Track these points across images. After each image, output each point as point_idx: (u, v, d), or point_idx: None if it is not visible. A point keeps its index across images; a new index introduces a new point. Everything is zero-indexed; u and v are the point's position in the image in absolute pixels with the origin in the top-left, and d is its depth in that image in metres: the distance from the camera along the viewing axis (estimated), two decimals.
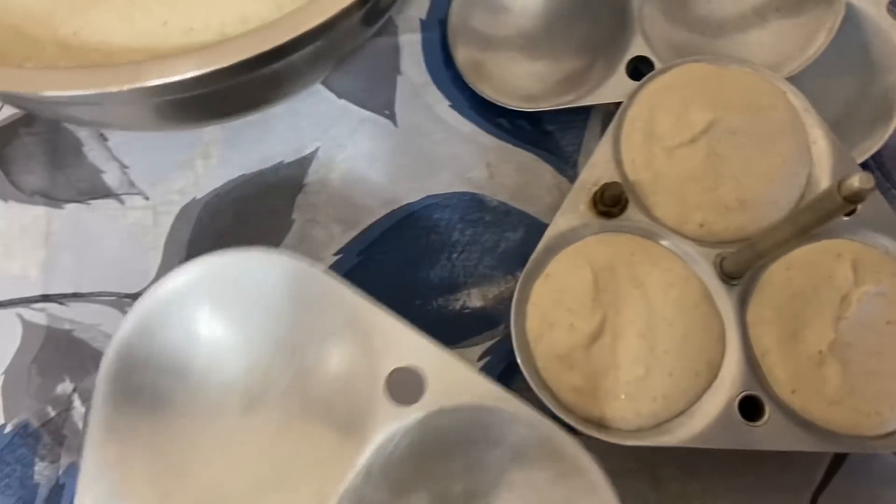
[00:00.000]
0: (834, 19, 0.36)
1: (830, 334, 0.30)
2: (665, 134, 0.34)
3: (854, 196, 0.22)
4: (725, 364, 0.31)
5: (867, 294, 0.31)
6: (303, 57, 0.29)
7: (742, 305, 0.32)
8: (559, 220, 0.33)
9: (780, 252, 0.30)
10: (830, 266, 0.31)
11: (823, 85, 0.37)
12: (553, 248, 0.32)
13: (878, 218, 0.33)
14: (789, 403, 0.30)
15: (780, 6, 0.38)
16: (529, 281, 0.32)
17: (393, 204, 0.38)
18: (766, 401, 0.30)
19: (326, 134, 0.39)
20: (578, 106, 0.38)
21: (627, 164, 0.34)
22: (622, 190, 0.33)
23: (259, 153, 0.39)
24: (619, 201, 0.33)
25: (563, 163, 0.39)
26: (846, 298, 0.31)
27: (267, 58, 0.27)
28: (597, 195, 0.33)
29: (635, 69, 0.38)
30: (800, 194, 0.33)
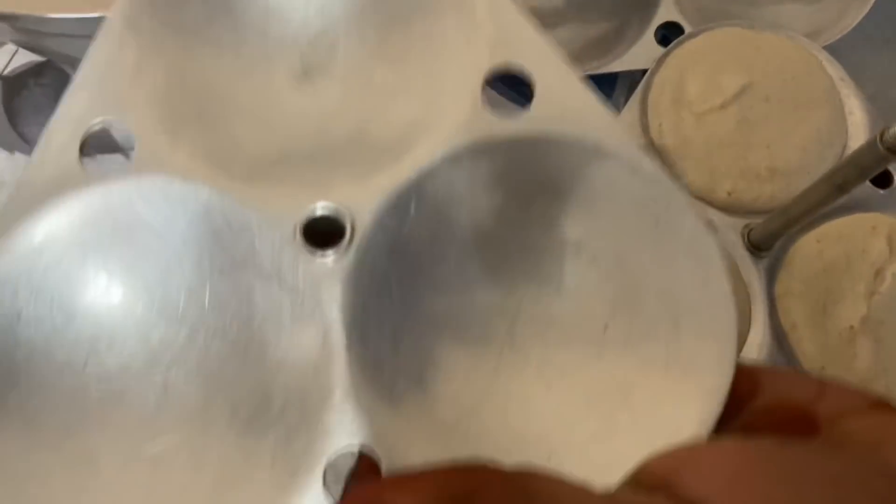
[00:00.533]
0: None
1: (863, 309, 0.29)
2: (695, 98, 0.32)
3: None
4: (750, 338, 0.29)
5: None
6: None
7: (770, 278, 0.30)
8: None
9: (813, 219, 0.29)
10: (864, 239, 0.30)
11: (861, 56, 0.35)
12: None
13: None
14: None
15: None
16: None
17: None
18: None
19: None
20: (604, 73, 0.36)
21: (654, 129, 0.33)
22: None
23: None
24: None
25: None
26: (880, 273, 0.29)
27: None
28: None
29: (664, 36, 0.36)
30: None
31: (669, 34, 0.36)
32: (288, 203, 0.20)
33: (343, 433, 0.18)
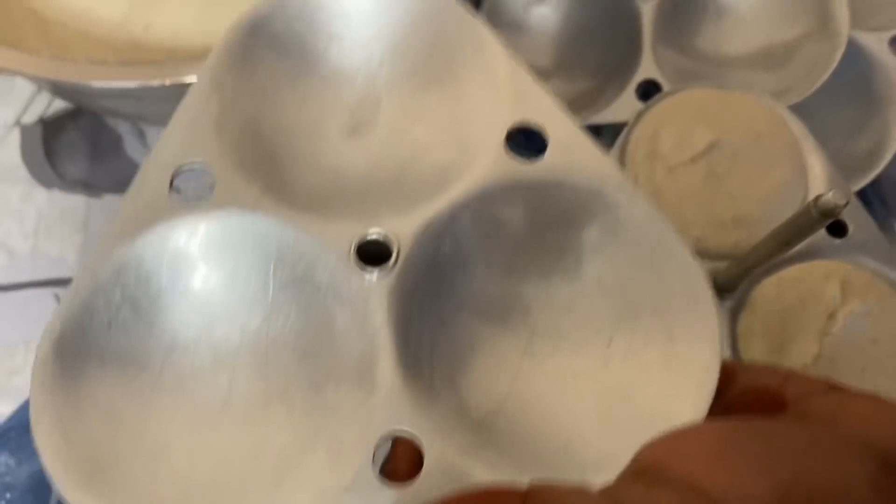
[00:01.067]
0: (836, 53, 0.38)
1: (815, 349, 0.32)
2: (668, 153, 0.36)
3: (828, 211, 0.24)
4: None
5: (853, 313, 0.32)
6: None
7: (733, 318, 0.33)
8: None
9: (767, 266, 0.32)
10: (819, 284, 0.33)
11: (824, 115, 0.38)
12: None
13: (868, 242, 0.34)
14: None
15: (784, 40, 0.40)
16: None
17: None
18: None
19: None
20: (589, 124, 0.40)
21: (630, 179, 0.36)
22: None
23: None
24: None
25: None
26: (833, 316, 0.32)
27: None
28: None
29: (645, 91, 0.40)
30: None
31: (650, 90, 0.40)
32: (343, 230, 0.23)
33: (389, 423, 0.21)
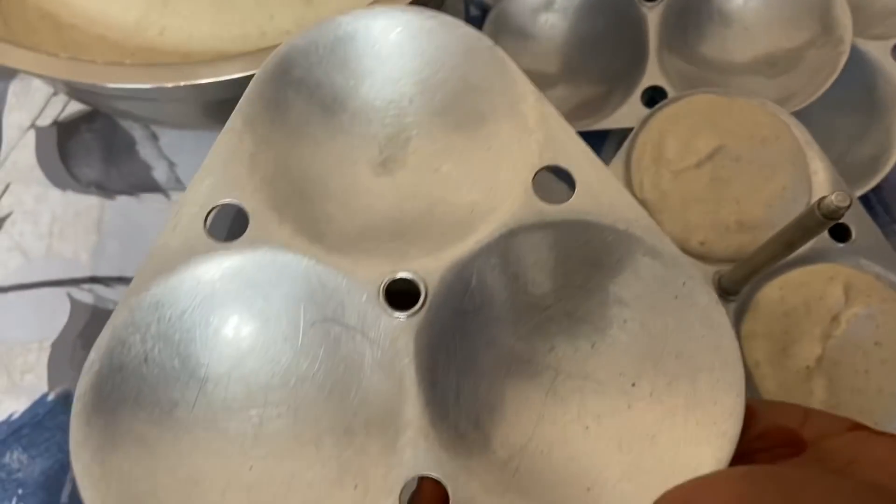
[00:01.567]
0: (839, 60, 0.38)
1: (818, 351, 0.32)
2: (673, 158, 0.36)
3: (831, 213, 0.24)
4: None
5: (857, 316, 0.33)
6: None
7: (737, 320, 0.34)
8: None
9: (772, 268, 0.32)
10: (823, 287, 0.33)
11: (827, 121, 0.39)
12: None
13: (872, 246, 0.34)
14: None
15: (787, 48, 0.40)
16: None
17: None
18: None
19: None
20: (595, 130, 0.40)
21: (636, 185, 0.36)
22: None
23: None
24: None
25: None
26: (836, 318, 0.33)
27: None
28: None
29: (650, 98, 0.40)
30: None
31: (656, 96, 0.40)
32: (373, 271, 0.23)
33: (416, 464, 0.21)
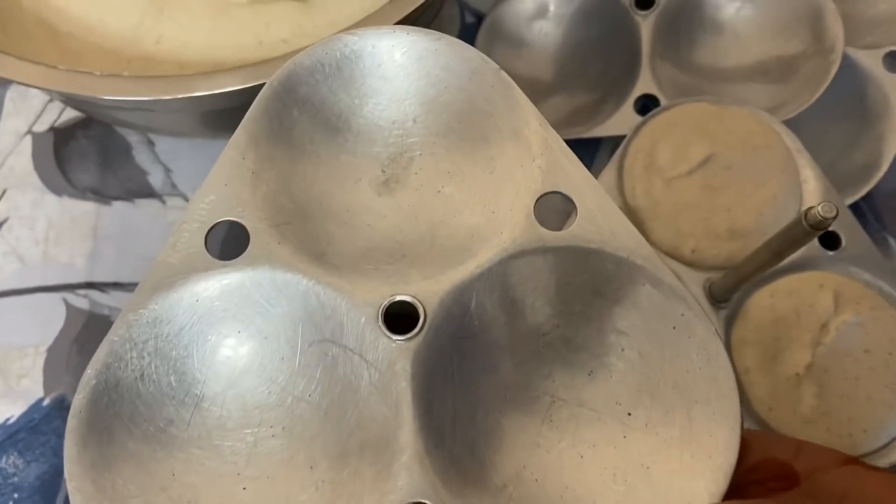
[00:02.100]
0: (831, 69, 0.39)
1: (808, 358, 0.32)
2: (664, 166, 0.36)
3: (817, 224, 0.24)
4: None
5: (846, 323, 0.33)
6: None
7: (728, 327, 0.34)
8: None
9: (762, 276, 0.33)
10: (813, 295, 0.34)
11: (819, 129, 0.39)
12: None
13: (861, 254, 0.35)
14: (766, 420, 0.32)
15: (779, 56, 0.41)
16: None
17: None
18: (745, 416, 0.32)
19: None
20: (588, 137, 0.41)
21: (628, 192, 0.37)
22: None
23: None
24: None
25: None
26: (826, 326, 0.33)
27: None
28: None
29: (643, 106, 0.41)
30: None
31: (649, 104, 0.41)
32: (372, 293, 0.23)
33: (410, 490, 0.21)
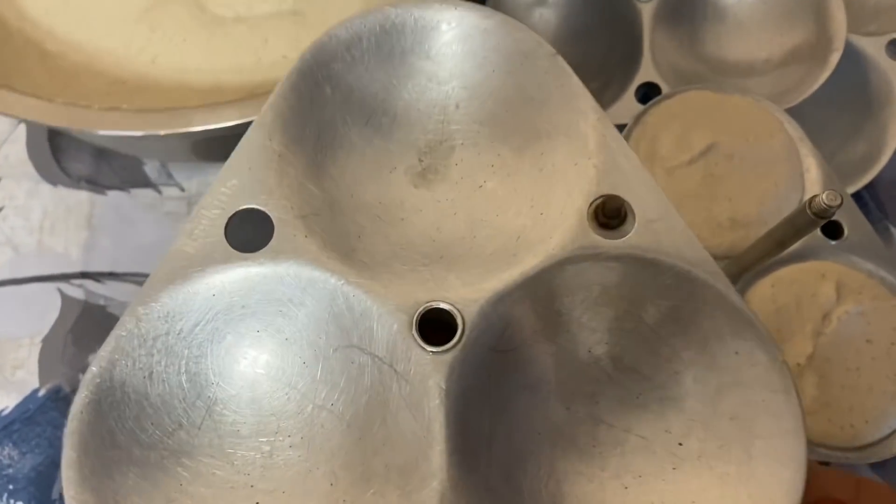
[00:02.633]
0: (833, 57, 0.38)
1: (809, 348, 0.32)
2: (666, 154, 0.36)
3: (821, 212, 0.24)
4: None
5: (848, 313, 0.33)
6: None
7: None
8: None
9: (763, 265, 0.32)
10: (814, 285, 0.33)
11: (821, 118, 0.39)
12: None
13: (864, 243, 0.34)
14: None
15: (783, 43, 0.40)
16: None
17: None
18: None
19: None
20: None
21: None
22: (622, 203, 0.35)
23: None
24: (618, 214, 0.35)
25: None
26: (827, 316, 0.33)
27: None
28: (598, 207, 0.35)
29: (644, 94, 0.40)
30: None
31: (650, 92, 0.40)
32: (406, 298, 0.21)
33: None
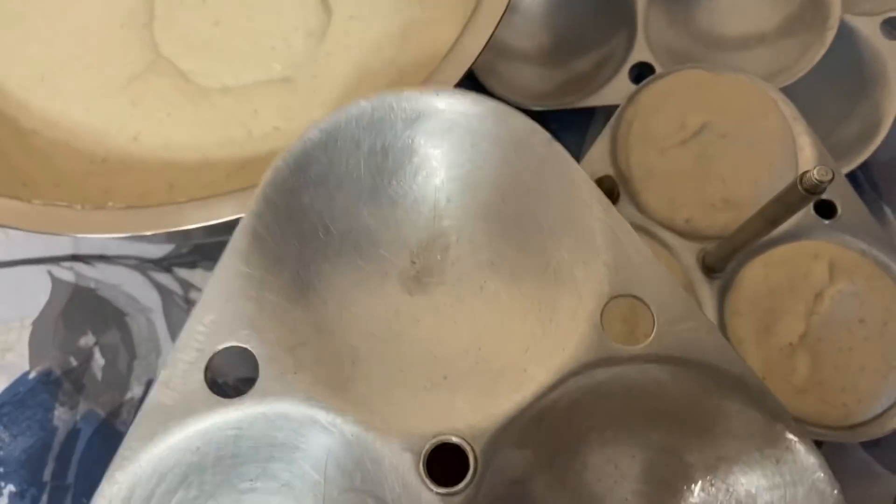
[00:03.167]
0: (828, 35, 0.38)
1: (802, 328, 0.32)
2: (659, 135, 0.36)
3: (812, 188, 0.24)
4: None
5: (841, 292, 0.33)
6: None
7: (721, 297, 0.33)
8: None
9: (756, 245, 0.32)
10: (807, 264, 0.33)
11: (815, 97, 0.39)
12: None
13: (857, 223, 0.34)
14: None
15: (777, 22, 0.40)
16: None
17: None
18: None
19: None
20: (582, 107, 0.40)
21: (622, 161, 0.36)
22: (615, 183, 0.35)
23: None
24: (611, 194, 0.35)
25: None
26: (820, 295, 0.33)
27: None
28: None
29: (638, 74, 0.40)
30: None
31: (644, 72, 0.40)
32: (411, 433, 0.19)
33: None
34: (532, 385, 0.20)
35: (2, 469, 0.35)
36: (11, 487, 0.35)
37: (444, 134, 0.23)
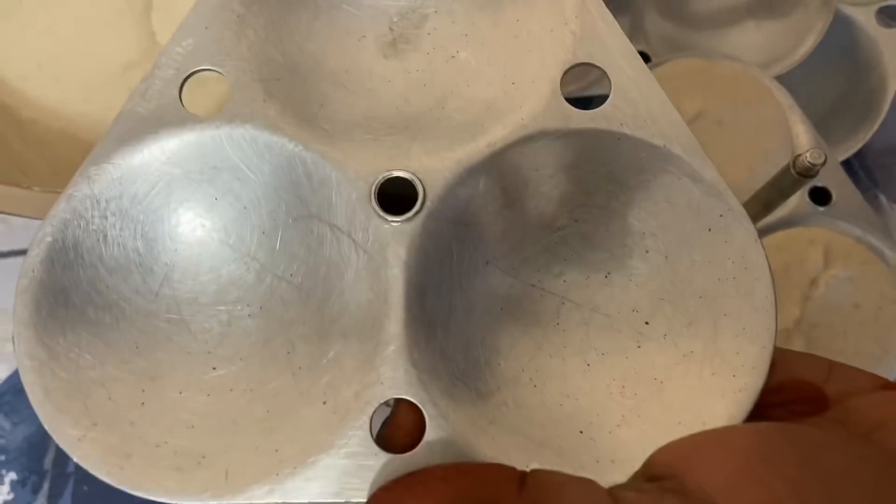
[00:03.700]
0: (823, 23, 0.38)
1: (797, 313, 0.32)
2: None
3: (805, 171, 0.24)
4: None
5: (836, 278, 0.33)
6: None
7: None
8: None
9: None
10: (802, 250, 0.34)
11: (810, 85, 0.39)
12: None
13: (852, 209, 0.35)
14: None
15: (773, 8, 0.40)
16: None
17: None
18: None
19: None
20: (579, 97, 0.40)
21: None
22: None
23: None
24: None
25: None
26: (815, 281, 0.33)
27: None
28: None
29: None
30: None
31: None
32: (367, 166, 0.20)
33: (393, 384, 0.19)
34: (487, 138, 0.21)
35: (3, 457, 0.35)
36: (13, 475, 0.35)
37: None
